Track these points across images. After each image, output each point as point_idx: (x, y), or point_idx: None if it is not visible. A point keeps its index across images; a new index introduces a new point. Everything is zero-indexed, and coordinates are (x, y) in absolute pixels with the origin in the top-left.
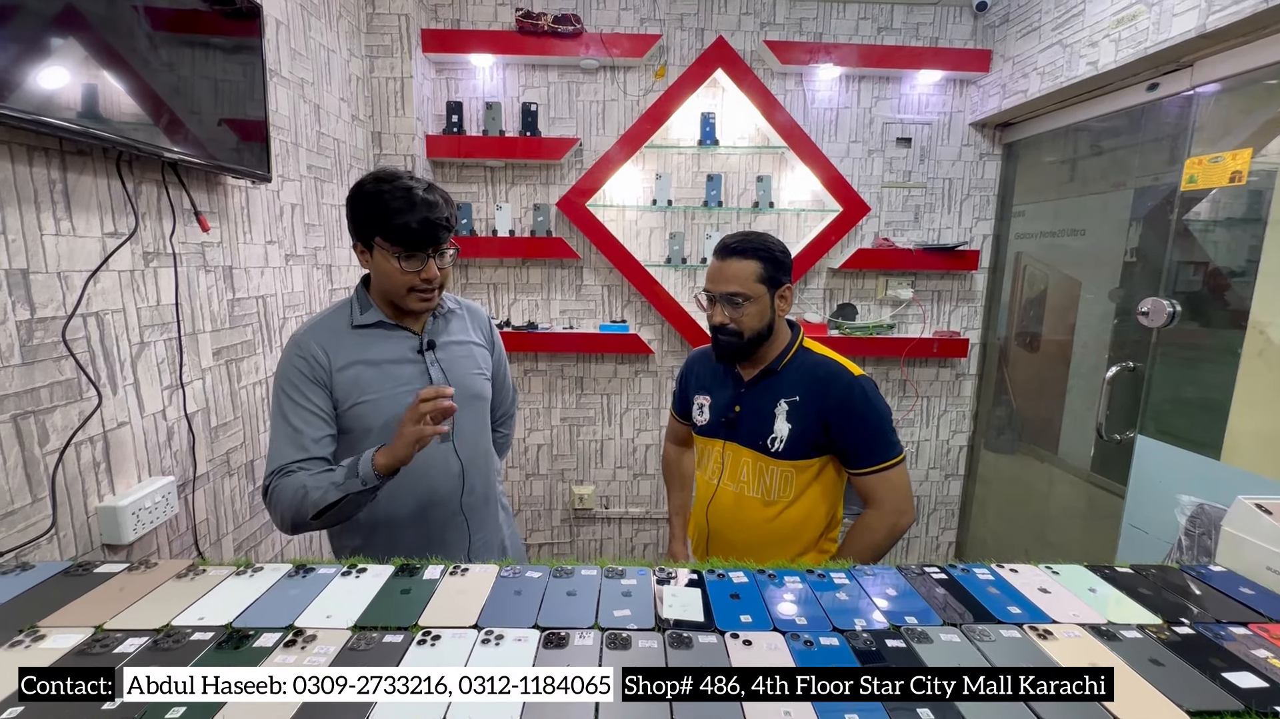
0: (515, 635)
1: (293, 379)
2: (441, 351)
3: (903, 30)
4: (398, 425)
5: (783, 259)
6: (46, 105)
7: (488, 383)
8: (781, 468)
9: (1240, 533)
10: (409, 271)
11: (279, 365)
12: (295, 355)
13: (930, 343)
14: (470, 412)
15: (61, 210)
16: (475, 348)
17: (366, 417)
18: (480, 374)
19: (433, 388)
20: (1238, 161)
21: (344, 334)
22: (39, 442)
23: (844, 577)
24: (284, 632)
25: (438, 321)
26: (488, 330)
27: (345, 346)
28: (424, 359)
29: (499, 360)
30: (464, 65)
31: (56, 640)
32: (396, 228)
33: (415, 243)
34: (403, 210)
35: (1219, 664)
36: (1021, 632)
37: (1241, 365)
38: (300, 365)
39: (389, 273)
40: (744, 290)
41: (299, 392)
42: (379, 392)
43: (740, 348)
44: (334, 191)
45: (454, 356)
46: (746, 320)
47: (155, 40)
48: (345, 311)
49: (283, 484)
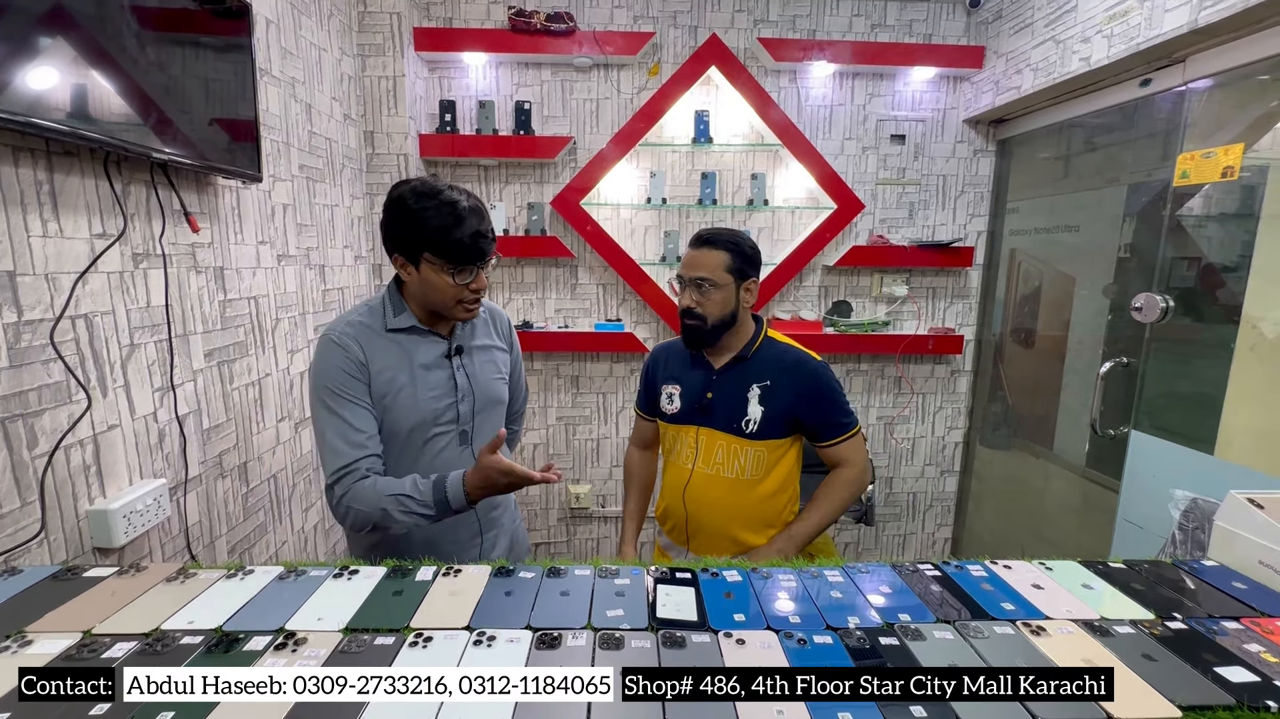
0: (508, 636)
1: (334, 376)
2: (468, 357)
3: (896, 27)
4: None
5: (751, 254)
6: (33, 105)
7: (506, 387)
8: (755, 448)
9: (1233, 527)
10: (460, 284)
11: (317, 363)
12: (337, 353)
13: (925, 339)
14: (489, 416)
15: (49, 212)
16: (497, 352)
17: (394, 420)
18: (500, 379)
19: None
20: (1229, 157)
21: (378, 336)
22: (28, 445)
23: (838, 574)
24: (274, 634)
25: (465, 327)
26: (507, 332)
27: (379, 349)
28: (451, 364)
29: (515, 361)
30: (457, 64)
31: (44, 646)
32: (449, 244)
33: (467, 258)
34: (452, 227)
35: (1211, 659)
36: (1015, 628)
37: (1235, 360)
38: (342, 363)
39: (439, 286)
40: (711, 277)
41: (343, 386)
42: (410, 396)
43: (705, 332)
44: (326, 191)
45: (479, 362)
46: (710, 306)
47: (143, 39)
48: (379, 314)
49: (357, 496)
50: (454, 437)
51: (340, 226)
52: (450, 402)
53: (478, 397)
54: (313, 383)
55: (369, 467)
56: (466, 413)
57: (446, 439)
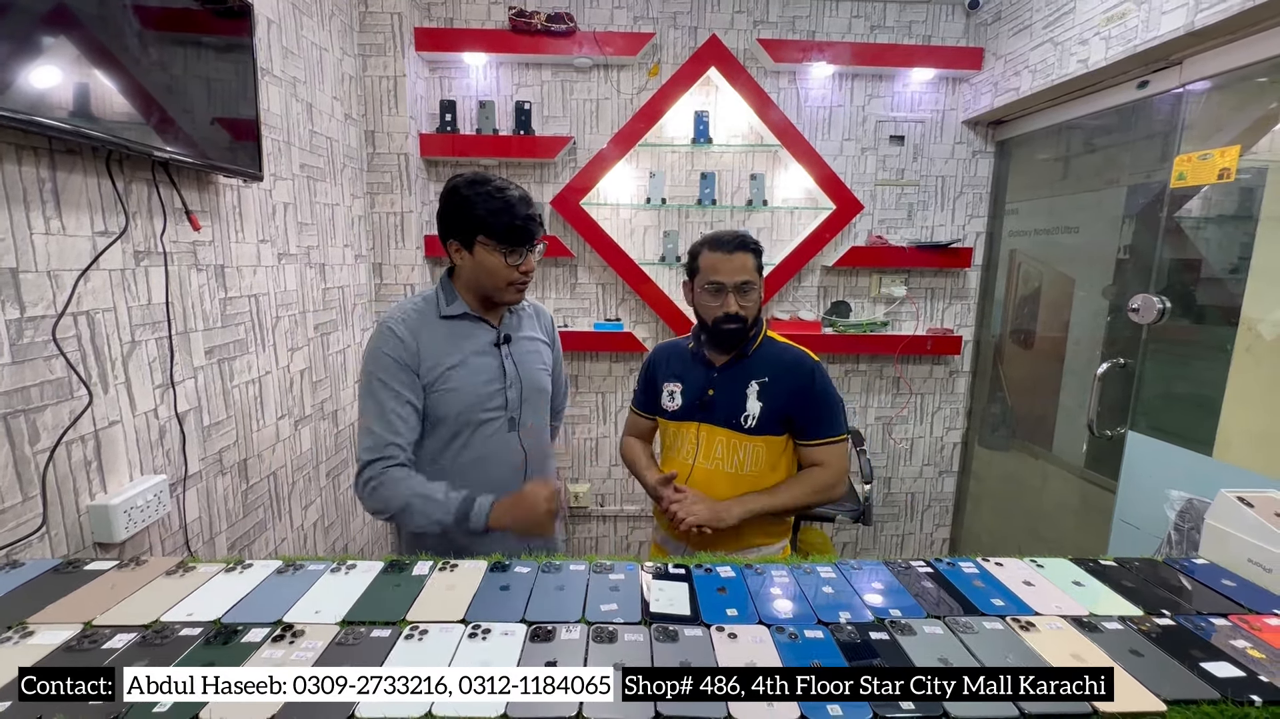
0: (502, 630)
1: (385, 364)
2: (515, 346)
3: (895, 28)
4: (470, 415)
5: (762, 253)
6: (36, 104)
7: (549, 378)
8: (754, 443)
9: (1223, 526)
10: (511, 265)
11: (369, 349)
12: (390, 339)
13: (924, 340)
14: (534, 405)
15: (51, 209)
16: (541, 344)
17: (445, 404)
18: (544, 370)
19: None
20: (1226, 159)
21: (432, 323)
22: (29, 440)
23: (832, 571)
24: (272, 627)
25: (512, 317)
26: (550, 329)
27: (432, 335)
28: (499, 353)
29: (557, 357)
30: (457, 64)
31: (45, 637)
32: (503, 227)
33: (519, 239)
34: (504, 211)
35: (1198, 655)
36: (1004, 624)
37: (1233, 362)
38: (392, 350)
39: (493, 268)
40: (752, 279)
41: (392, 375)
42: (459, 381)
43: (743, 333)
44: (327, 190)
45: (524, 352)
46: (752, 308)
47: (145, 39)
48: (433, 302)
49: (388, 482)
50: (503, 423)
51: (341, 225)
52: (499, 387)
53: (524, 384)
54: (365, 365)
55: (403, 457)
56: (515, 399)
57: (495, 425)
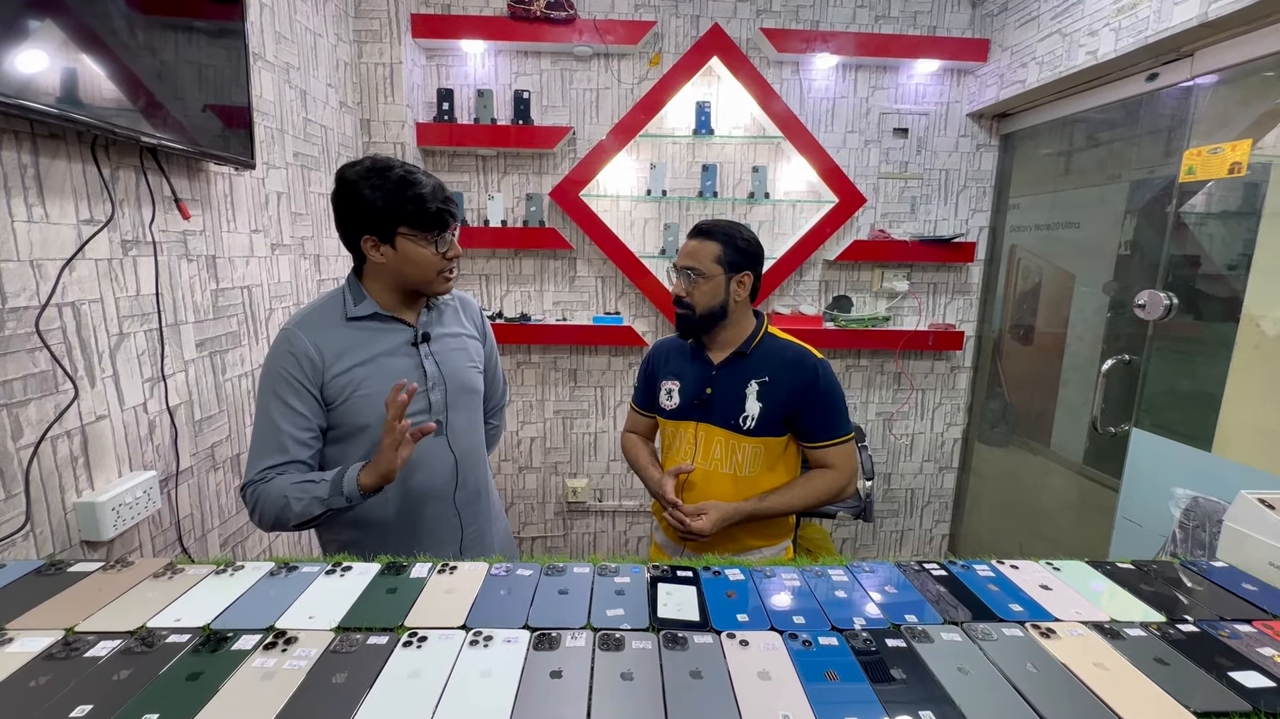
0: (505, 636)
1: (282, 376)
2: (436, 344)
3: (900, 19)
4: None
5: (744, 248)
6: (19, 88)
7: (480, 375)
8: (752, 444)
9: (1242, 528)
10: (440, 253)
11: (268, 359)
12: (285, 352)
13: (925, 335)
14: (464, 406)
15: (33, 196)
16: (468, 340)
17: (360, 413)
18: (474, 367)
19: (395, 385)
20: (1237, 153)
21: (337, 327)
22: (12, 435)
23: (842, 573)
24: (264, 633)
25: (431, 313)
26: (479, 321)
27: (338, 341)
28: (418, 352)
29: (490, 351)
30: (455, 51)
31: (24, 644)
32: (425, 214)
33: (442, 223)
34: (426, 198)
35: (1225, 663)
36: (1024, 630)
37: (1235, 358)
38: (289, 363)
39: (422, 259)
40: (699, 267)
41: (287, 389)
42: (373, 387)
43: (693, 321)
44: (322, 180)
45: (448, 349)
46: (698, 296)
47: (134, 22)
48: (338, 304)
49: (265, 490)
50: None
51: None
52: (419, 390)
53: (449, 385)
54: (261, 379)
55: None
56: (439, 402)
57: None
